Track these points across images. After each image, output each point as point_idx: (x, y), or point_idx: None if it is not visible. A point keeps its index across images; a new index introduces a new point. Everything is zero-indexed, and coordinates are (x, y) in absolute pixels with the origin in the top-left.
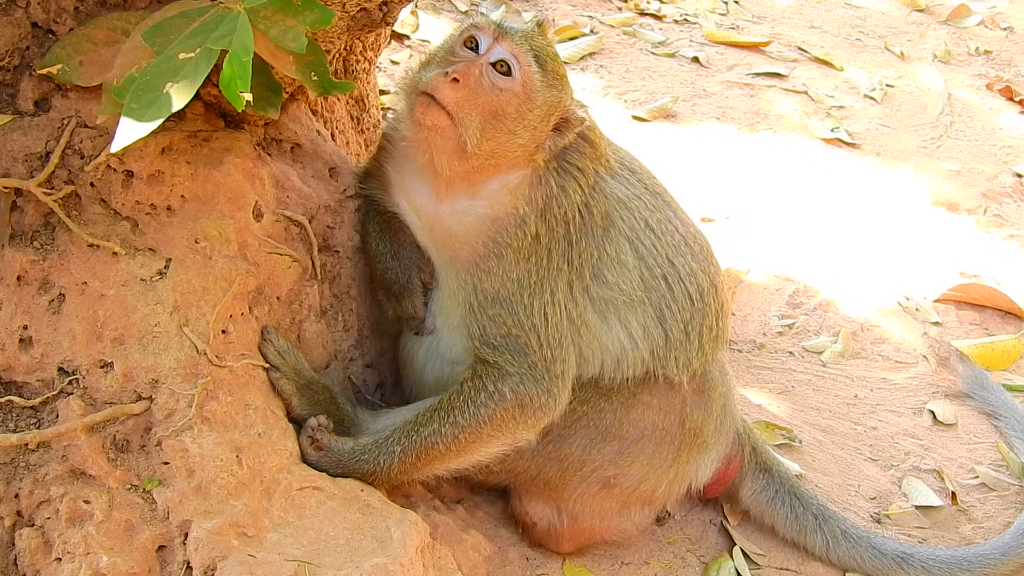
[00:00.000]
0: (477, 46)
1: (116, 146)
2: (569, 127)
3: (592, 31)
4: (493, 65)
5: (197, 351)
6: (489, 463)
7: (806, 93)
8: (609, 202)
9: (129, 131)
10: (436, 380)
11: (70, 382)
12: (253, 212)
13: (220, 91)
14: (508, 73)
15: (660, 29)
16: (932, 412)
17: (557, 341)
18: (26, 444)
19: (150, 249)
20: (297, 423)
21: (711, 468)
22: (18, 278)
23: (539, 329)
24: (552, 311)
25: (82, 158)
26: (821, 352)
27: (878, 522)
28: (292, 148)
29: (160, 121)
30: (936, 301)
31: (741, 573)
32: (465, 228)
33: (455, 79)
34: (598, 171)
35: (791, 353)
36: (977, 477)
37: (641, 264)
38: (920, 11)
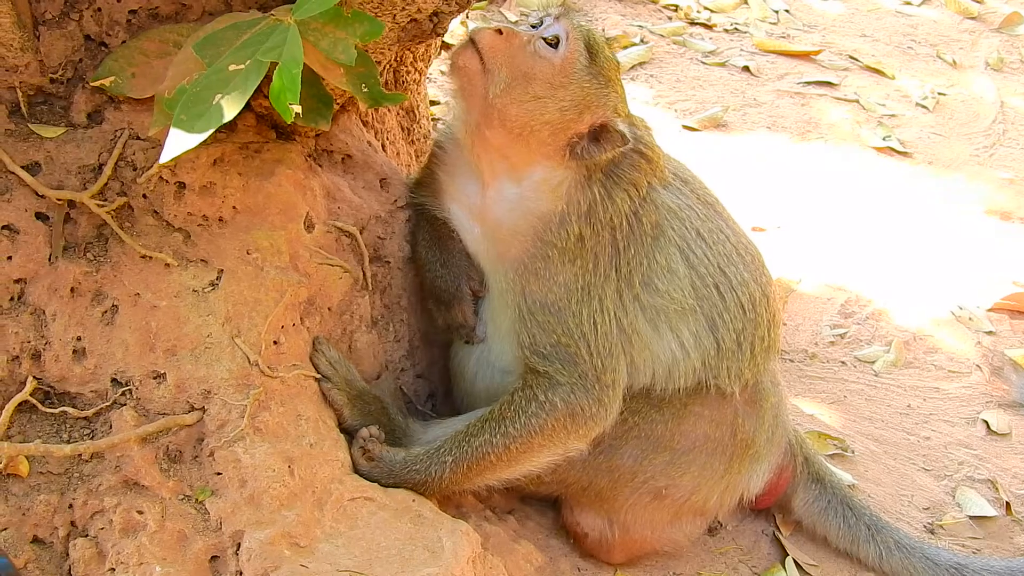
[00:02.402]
0: (539, 26)
1: (166, 157)
2: (609, 140)
3: (642, 40)
4: (545, 39)
5: (249, 362)
6: (540, 473)
7: (857, 102)
8: (660, 211)
9: (179, 142)
10: (487, 390)
11: (123, 393)
12: (304, 223)
13: (271, 103)
14: (555, 46)
15: (710, 38)
16: (986, 422)
17: (607, 350)
18: (80, 455)
19: (202, 260)
20: (348, 433)
21: (763, 479)
22: (72, 289)
23: (589, 338)
24: (601, 319)
25: (134, 170)
26: (873, 362)
27: (932, 532)
28: (343, 159)
29: (210, 132)
30: (989, 310)
31: None
32: (513, 220)
33: (499, 31)
34: (651, 183)
35: (843, 363)
36: None
37: (692, 273)
38: (972, 19)
